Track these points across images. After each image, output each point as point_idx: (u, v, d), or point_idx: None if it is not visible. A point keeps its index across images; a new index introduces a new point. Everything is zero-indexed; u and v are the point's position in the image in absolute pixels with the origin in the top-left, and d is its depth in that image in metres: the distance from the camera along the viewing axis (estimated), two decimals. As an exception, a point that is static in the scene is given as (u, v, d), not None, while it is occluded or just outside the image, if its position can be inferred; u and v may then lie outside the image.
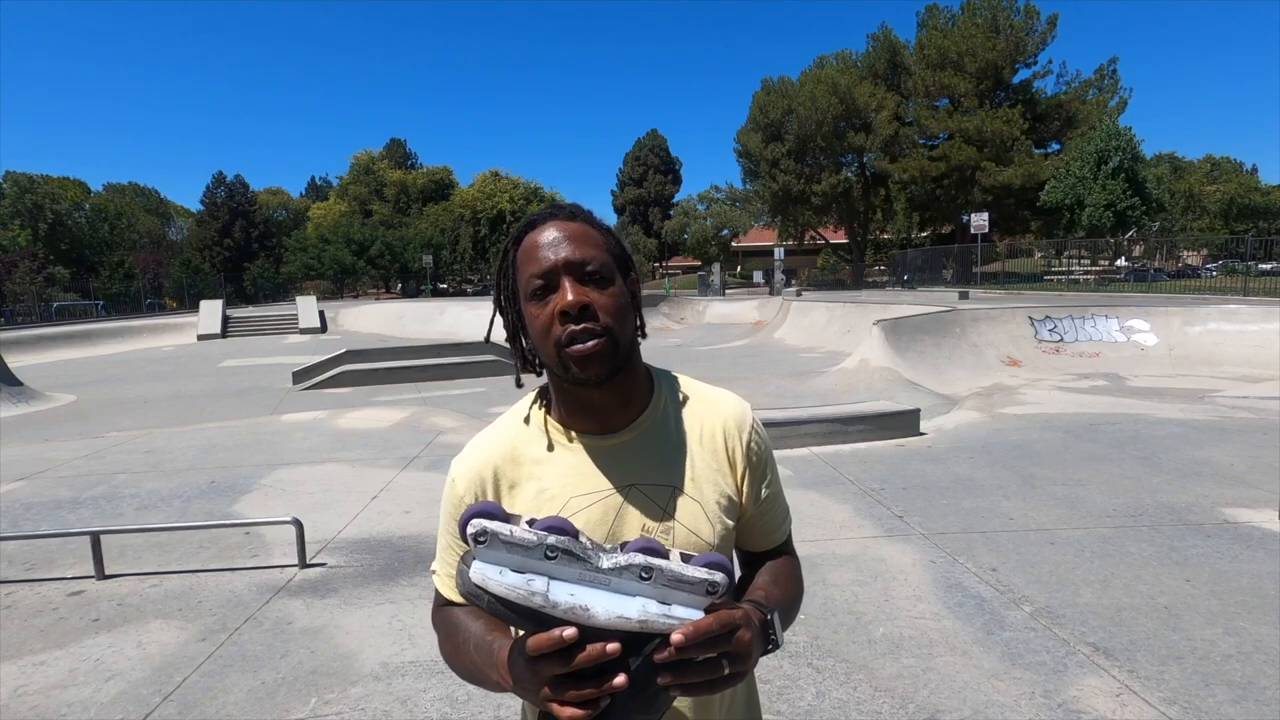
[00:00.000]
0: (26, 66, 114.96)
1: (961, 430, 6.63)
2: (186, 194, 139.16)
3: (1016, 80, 32.11)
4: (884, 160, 33.82)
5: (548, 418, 0.90)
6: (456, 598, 0.87)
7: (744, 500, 0.92)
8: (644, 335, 0.90)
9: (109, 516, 4.68)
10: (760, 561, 0.96)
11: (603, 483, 0.85)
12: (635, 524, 0.85)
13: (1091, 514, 4.23)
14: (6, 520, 4.68)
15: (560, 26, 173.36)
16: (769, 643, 0.75)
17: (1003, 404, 7.82)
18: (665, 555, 0.66)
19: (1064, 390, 8.59)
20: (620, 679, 0.62)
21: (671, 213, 52.07)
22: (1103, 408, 7.47)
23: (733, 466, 0.91)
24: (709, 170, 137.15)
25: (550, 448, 0.88)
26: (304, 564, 3.77)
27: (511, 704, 2.42)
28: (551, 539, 0.64)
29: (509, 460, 0.88)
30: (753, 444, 0.93)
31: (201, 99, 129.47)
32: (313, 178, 68.90)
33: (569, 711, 0.63)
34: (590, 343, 0.78)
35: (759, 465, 0.93)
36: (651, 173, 54.48)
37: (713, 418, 0.92)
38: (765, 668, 2.67)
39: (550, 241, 0.81)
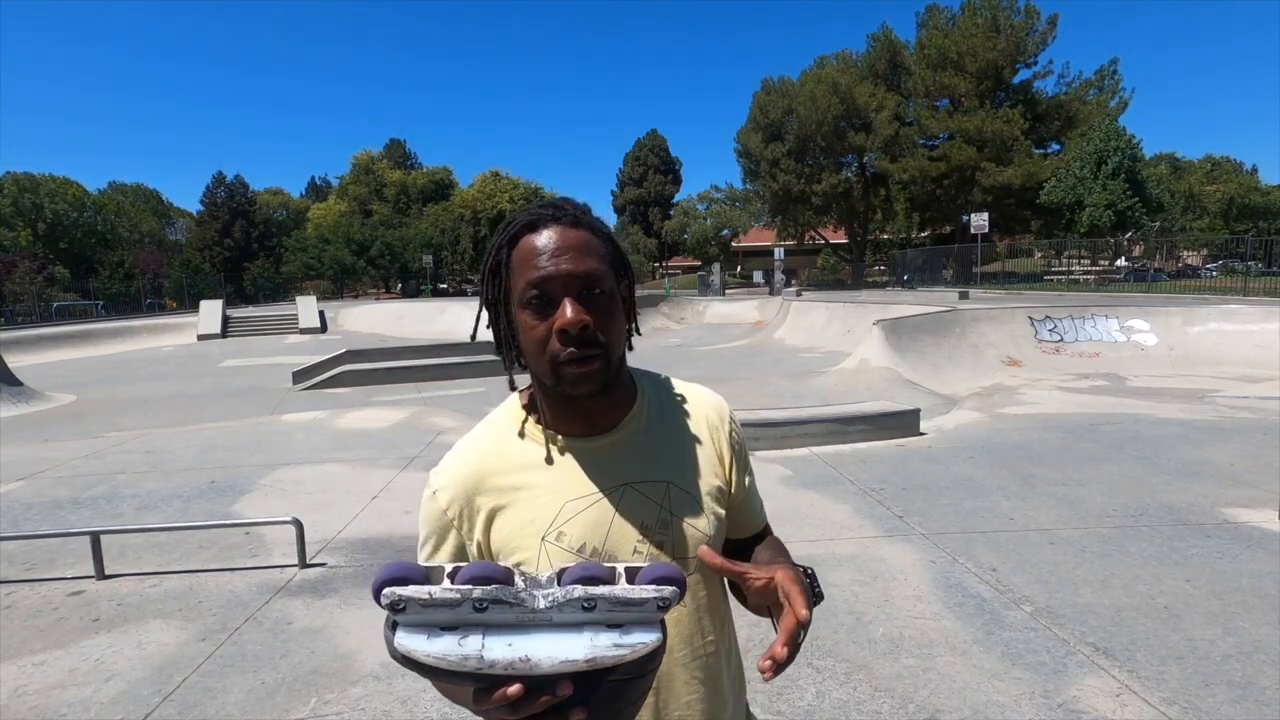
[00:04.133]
0: (26, 65, 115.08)
1: (961, 430, 6.63)
2: (186, 195, 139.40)
3: (1017, 80, 32.10)
4: (884, 160, 33.77)
5: (534, 423, 0.88)
6: None
7: (732, 489, 0.94)
8: (639, 333, 0.92)
9: (109, 516, 4.68)
10: (747, 545, 0.98)
11: (596, 484, 0.84)
12: (633, 522, 0.84)
13: (1091, 514, 4.23)
14: (6, 520, 4.68)
15: (560, 25, 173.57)
16: (816, 596, 0.80)
17: (1003, 404, 7.82)
18: (608, 578, 0.60)
19: (1064, 390, 8.59)
20: (579, 716, 0.58)
21: (671, 213, 52.03)
22: (1103, 408, 7.47)
23: (720, 457, 0.94)
24: (709, 170, 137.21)
25: (538, 453, 0.86)
26: (304, 564, 3.78)
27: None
28: (477, 591, 0.57)
29: (495, 469, 0.86)
30: (734, 433, 0.96)
31: (201, 98, 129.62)
32: (313, 178, 68.89)
33: None
34: (588, 366, 0.78)
35: (741, 454, 0.97)
36: (651, 173, 54.45)
37: (696, 411, 0.95)
38: (765, 668, 2.67)
39: (552, 250, 0.78)
